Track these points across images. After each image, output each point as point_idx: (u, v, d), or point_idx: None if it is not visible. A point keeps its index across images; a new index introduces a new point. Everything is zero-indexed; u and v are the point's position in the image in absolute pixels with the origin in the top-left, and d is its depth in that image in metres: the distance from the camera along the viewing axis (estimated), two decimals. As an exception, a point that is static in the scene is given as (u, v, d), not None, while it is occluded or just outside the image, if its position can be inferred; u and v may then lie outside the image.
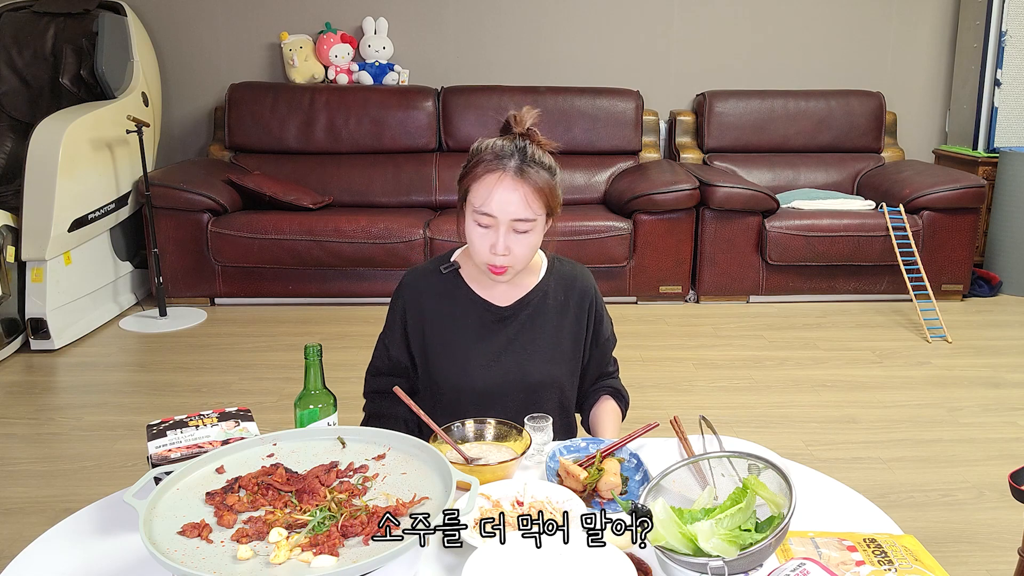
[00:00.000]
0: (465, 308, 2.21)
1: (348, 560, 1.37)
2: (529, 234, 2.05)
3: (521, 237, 2.05)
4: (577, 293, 2.26)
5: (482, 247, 2.06)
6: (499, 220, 2.02)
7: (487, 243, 2.05)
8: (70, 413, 4.07)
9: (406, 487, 1.59)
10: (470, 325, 2.19)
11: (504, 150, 2.04)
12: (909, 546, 1.60)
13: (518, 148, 2.04)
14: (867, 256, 5.63)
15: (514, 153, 2.03)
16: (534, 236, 2.07)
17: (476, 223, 2.05)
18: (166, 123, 6.49)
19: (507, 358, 2.19)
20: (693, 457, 1.75)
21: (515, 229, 2.03)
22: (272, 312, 5.57)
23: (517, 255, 2.06)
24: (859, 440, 3.79)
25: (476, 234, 2.06)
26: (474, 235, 2.06)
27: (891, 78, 6.71)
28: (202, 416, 1.89)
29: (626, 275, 5.66)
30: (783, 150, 6.46)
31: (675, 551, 1.48)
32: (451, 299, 2.22)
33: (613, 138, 6.31)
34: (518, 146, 2.04)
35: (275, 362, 4.65)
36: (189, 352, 4.86)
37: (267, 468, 1.66)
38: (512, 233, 2.04)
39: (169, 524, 1.48)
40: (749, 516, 1.53)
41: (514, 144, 2.05)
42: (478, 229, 2.05)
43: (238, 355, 4.80)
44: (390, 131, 6.24)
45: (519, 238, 2.05)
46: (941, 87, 6.79)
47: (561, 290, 2.25)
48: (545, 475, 1.90)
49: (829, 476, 1.92)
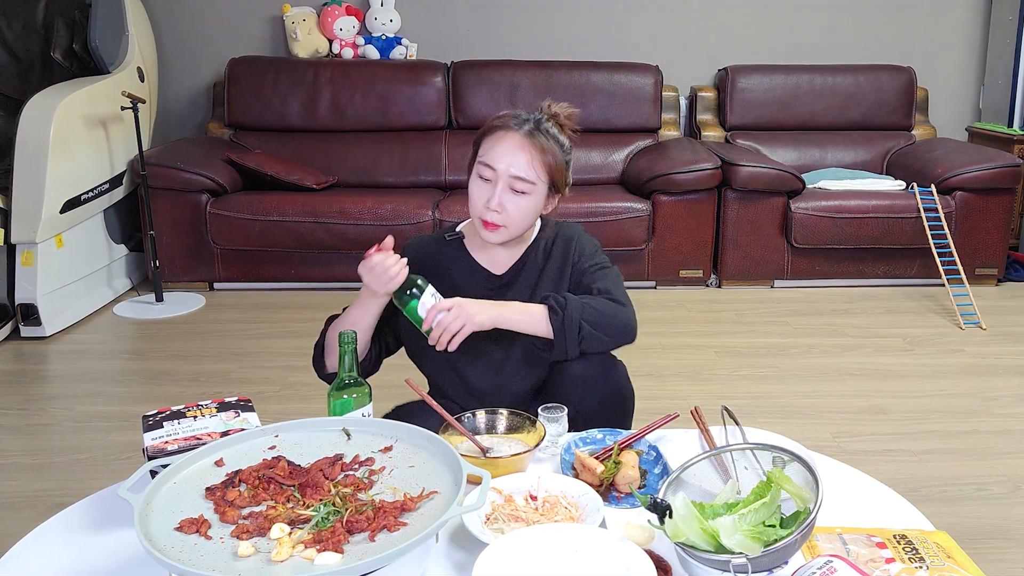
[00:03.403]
0: (464, 275, 2.34)
1: (353, 557, 1.37)
2: (526, 197, 2.20)
3: (517, 198, 2.20)
4: (563, 240, 2.39)
5: (478, 199, 2.21)
6: (499, 174, 2.18)
7: (483, 196, 2.20)
8: (62, 403, 4.08)
9: (414, 481, 1.59)
10: (469, 294, 2.26)
11: (520, 116, 2.25)
12: (941, 543, 1.60)
13: (535, 118, 2.24)
14: (897, 239, 5.60)
15: (530, 119, 2.23)
16: (530, 201, 2.22)
17: (478, 175, 2.22)
18: (163, 99, 6.48)
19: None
20: (715, 449, 1.75)
21: (512, 187, 2.19)
22: (274, 297, 5.58)
23: (510, 214, 2.20)
24: (889, 431, 3.78)
25: (475, 185, 2.23)
26: (474, 186, 2.24)
27: (922, 52, 6.66)
28: (200, 406, 1.89)
29: (645, 259, 5.65)
30: (809, 128, 6.42)
31: (696, 548, 1.48)
32: (452, 266, 2.34)
33: (631, 115, 6.28)
34: (535, 116, 2.25)
35: (277, 350, 4.66)
36: (187, 339, 4.87)
37: (268, 461, 1.66)
38: (509, 192, 2.19)
39: (166, 520, 1.48)
40: (773, 511, 1.52)
41: (532, 115, 2.25)
42: (478, 181, 2.22)
43: (238, 342, 4.80)
44: (397, 108, 6.22)
45: (514, 198, 2.20)
46: (975, 61, 6.74)
47: (549, 243, 2.38)
48: (560, 468, 1.90)
49: (857, 469, 1.92)
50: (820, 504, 1.46)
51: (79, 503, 1.76)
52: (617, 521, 1.71)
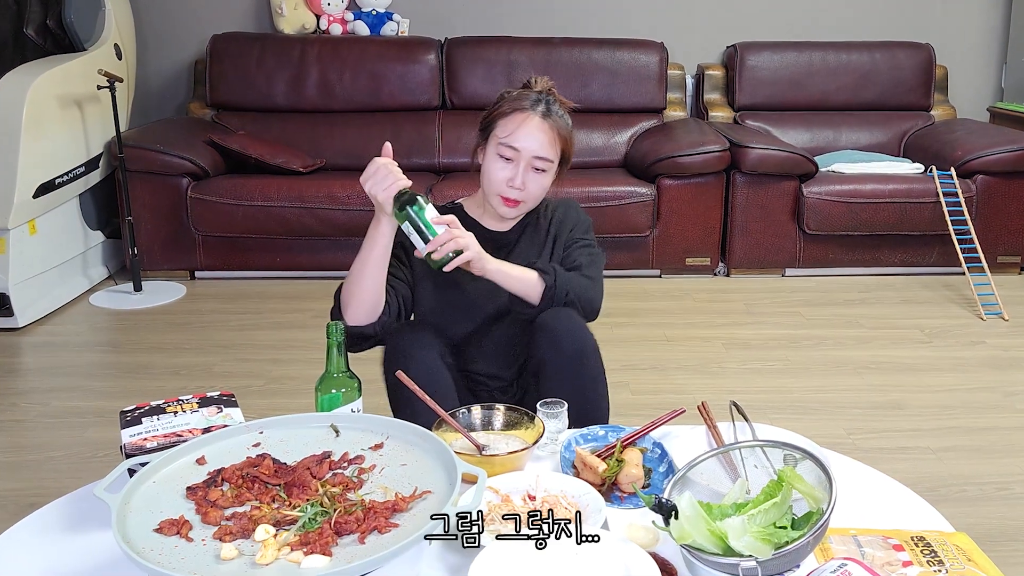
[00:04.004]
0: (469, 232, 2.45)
1: (342, 560, 1.37)
2: (545, 174, 2.45)
3: (537, 176, 2.44)
4: (565, 207, 2.66)
5: (499, 178, 2.42)
6: (521, 155, 2.40)
7: (505, 175, 2.41)
8: (35, 398, 4.08)
9: (406, 480, 1.59)
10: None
11: (531, 97, 2.46)
12: (961, 545, 1.60)
13: (544, 98, 2.46)
14: (915, 225, 5.60)
15: (540, 100, 2.45)
16: (548, 178, 2.47)
17: (498, 155, 2.42)
18: (141, 78, 6.46)
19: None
20: (723, 447, 1.75)
21: (534, 167, 2.42)
22: (258, 287, 5.57)
23: (531, 192, 2.44)
24: (906, 428, 3.78)
25: (496, 165, 2.42)
26: (494, 166, 2.43)
27: (941, 28, 6.64)
28: (181, 401, 1.89)
29: (649, 246, 5.65)
30: (822, 108, 6.42)
31: (703, 550, 1.48)
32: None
33: (635, 95, 6.27)
34: (544, 97, 2.47)
35: (262, 342, 4.65)
36: (167, 331, 4.86)
37: (253, 459, 1.66)
38: (531, 171, 2.42)
39: (145, 520, 1.48)
40: (785, 512, 1.52)
41: (540, 95, 2.47)
42: (499, 161, 2.42)
43: (221, 334, 4.80)
44: (389, 87, 6.21)
45: (535, 176, 2.43)
46: (997, 38, 6.73)
47: (552, 209, 2.64)
48: (559, 466, 1.90)
49: (873, 467, 1.92)
50: (834, 504, 1.46)
51: (53, 503, 1.76)
52: (620, 522, 1.71)
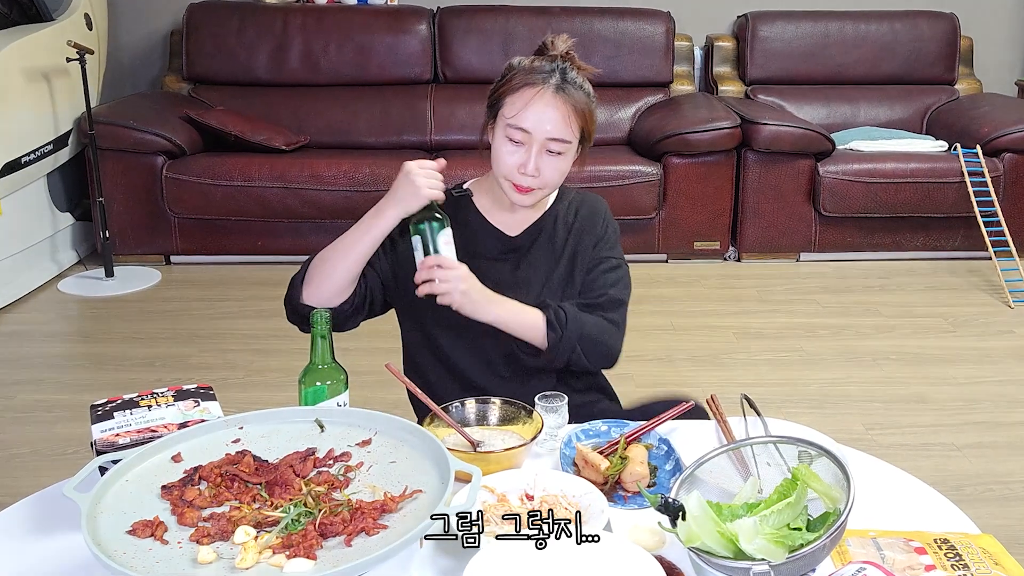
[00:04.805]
0: (476, 234, 2.33)
1: (327, 564, 1.37)
2: (562, 157, 2.21)
3: (553, 159, 2.20)
4: (588, 212, 2.42)
5: (509, 163, 2.19)
6: (533, 137, 2.16)
7: (516, 161, 2.18)
8: (0, 392, 4.08)
9: (396, 478, 1.59)
10: (477, 253, 2.27)
11: (544, 67, 2.21)
12: (988, 548, 1.60)
13: (559, 68, 2.22)
14: (938, 206, 5.60)
15: (555, 71, 2.21)
16: (566, 161, 2.23)
17: (507, 138, 2.19)
18: (113, 50, 6.44)
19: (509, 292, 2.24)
20: (734, 443, 1.75)
21: (548, 149, 2.18)
22: (238, 272, 5.57)
23: (546, 178, 2.21)
24: (929, 423, 3.79)
25: (505, 150, 2.20)
26: (503, 150, 2.20)
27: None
28: (156, 395, 1.89)
29: (655, 229, 5.64)
30: (839, 82, 6.42)
31: (712, 553, 1.48)
32: (461, 224, 2.29)
33: (639, 68, 6.26)
34: (559, 66, 2.22)
35: (241, 331, 4.65)
36: (140, 319, 4.86)
37: (232, 456, 1.66)
38: (545, 154, 2.18)
39: (117, 522, 1.48)
40: (799, 512, 1.52)
41: (555, 64, 2.23)
42: (508, 144, 2.19)
43: (198, 323, 4.80)
44: (377, 59, 6.20)
45: (551, 160, 2.20)
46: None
47: (571, 213, 2.40)
48: (559, 464, 1.90)
49: (893, 465, 1.92)
50: (851, 504, 1.46)
51: (19, 503, 1.75)
52: (623, 523, 1.71)
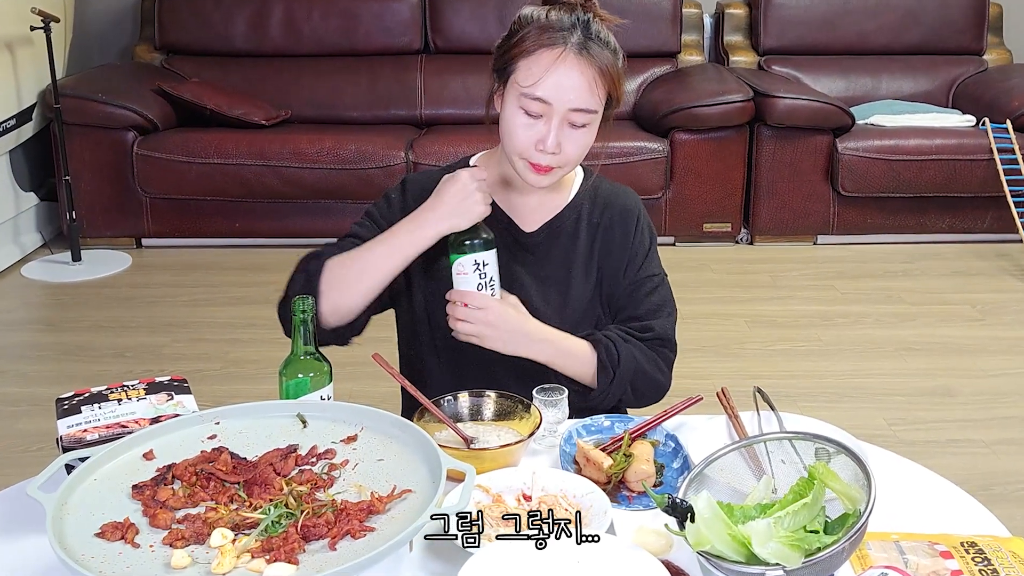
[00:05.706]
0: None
1: (310, 569, 1.37)
2: (586, 129, 2.05)
3: (576, 133, 2.03)
4: (618, 215, 2.26)
5: (525, 139, 2.03)
6: (553, 109, 1.99)
7: (533, 136, 2.02)
8: (-38, 383, 4.09)
9: (383, 477, 1.59)
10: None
11: (563, 22, 2.01)
12: (1018, 551, 1.60)
13: (580, 20, 2.02)
14: (966, 185, 5.60)
15: (575, 26, 2.01)
16: (590, 133, 2.07)
17: (522, 109, 2.02)
18: (80, 18, 6.43)
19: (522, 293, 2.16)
20: (746, 439, 1.75)
21: (571, 122, 2.01)
22: (214, 256, 5.56)
23: (568, 154, 2.05)
24: (955, 418, 3.79)
25: (519, 124, 2.03)
26: (516, 125, 2.03)
27: (998, -41, 6.65)
28: (126, 387, 1.88)
29: (661, 209, 5.64)
30: (859, 52, 6.41)
31: (723, 558, 1.48)
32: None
33: (645, 37, 6.25)
34: (580, 18, 2.02)
35: (218, 319, 4.65)
36: (110, 306, 4.86)
37: (208, 453, 1.66)
38: (566, 127, 2.02)
39: (85, 523, 1.48)
40: (816, 514, 1.52)
41: (574, 16, 2.02)
42: (523, 118, 2.02)
43: (171, 310, 4.79)
44: (364, 27, 6.19)
45: (573, 134, 2.03)
46: (1061, -29, 6.73)
47: (597, 211, 2.26)
48: (559, 462, 1.90)
49: (917, 463, 1.92)
50: (872, 505, 1.46)
51: (-20, 504, 1.76)
52: (628, 525, 1.71)
